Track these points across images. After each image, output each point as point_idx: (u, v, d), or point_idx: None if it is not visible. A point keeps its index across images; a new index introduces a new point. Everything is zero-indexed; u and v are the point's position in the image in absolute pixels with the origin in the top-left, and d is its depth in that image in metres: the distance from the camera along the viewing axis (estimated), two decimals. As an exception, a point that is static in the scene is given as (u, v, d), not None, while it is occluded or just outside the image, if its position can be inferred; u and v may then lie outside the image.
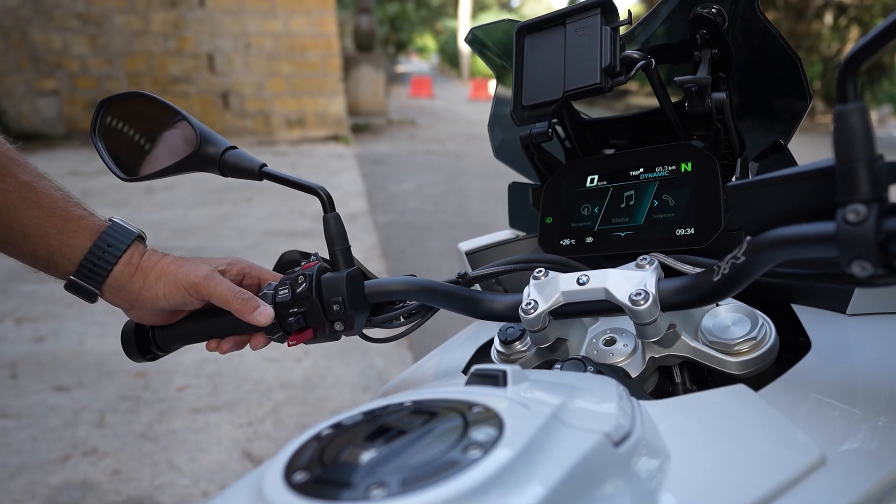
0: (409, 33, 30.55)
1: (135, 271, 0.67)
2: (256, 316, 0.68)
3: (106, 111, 0.73)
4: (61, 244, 0.65)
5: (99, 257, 0.66)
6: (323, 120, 10.04)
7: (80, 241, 0.65)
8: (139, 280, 0.67)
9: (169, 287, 0.67)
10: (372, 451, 0.35)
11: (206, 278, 0.68)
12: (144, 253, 0.69)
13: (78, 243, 0.65)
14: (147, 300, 0.68)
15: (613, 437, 0.38)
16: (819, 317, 0.63)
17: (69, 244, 0.65)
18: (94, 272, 0.66)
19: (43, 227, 0.64)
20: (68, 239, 0.65)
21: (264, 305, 0.69)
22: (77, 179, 6.55)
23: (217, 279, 0.69)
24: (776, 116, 0.74)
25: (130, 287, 0.67)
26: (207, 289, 0.68)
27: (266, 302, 0.69)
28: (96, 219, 0.68)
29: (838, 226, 0.40)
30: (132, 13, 9.01)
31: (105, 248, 0.66)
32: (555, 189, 0.78)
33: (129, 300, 0.68)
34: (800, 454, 0.42)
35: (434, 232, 5.30)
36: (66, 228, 0.65)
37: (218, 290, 0.68)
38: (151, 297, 0.68)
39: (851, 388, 0.51)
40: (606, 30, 0.64)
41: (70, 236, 0.65)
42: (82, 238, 0.66)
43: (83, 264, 0.65)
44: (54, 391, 2.72)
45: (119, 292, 0.68)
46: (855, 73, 0.39)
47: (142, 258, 0.68)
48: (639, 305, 0.55)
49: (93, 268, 0.66)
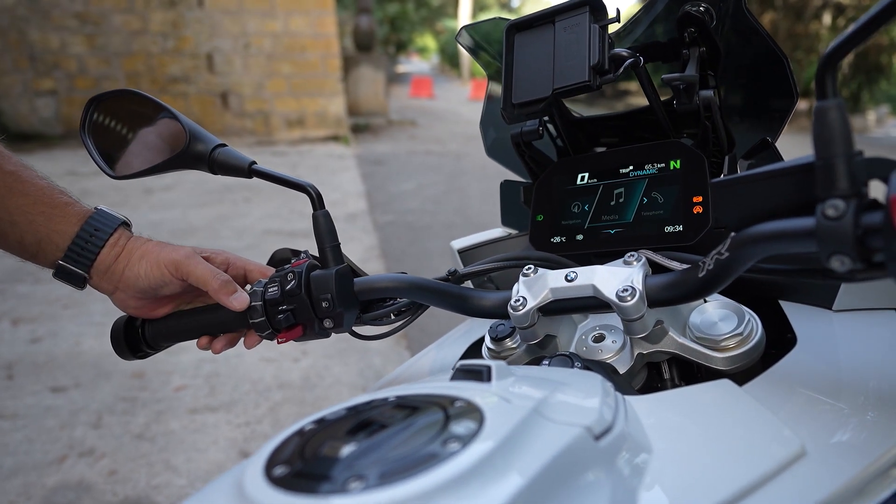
0: (410, 33, 30.59)
1: (120, 252, 0.69)
2: (232, 300, 0.69)
3: (95, 109, 0.73)
4: (49, 230, 0.66)
5: (86, 241, 0.67)
6: (323, 120, 10.05)
7: (68, 227, 0.67)
8: (124, 261, 0.68)
9: (151, 266, 0.68)
10: (352, 444, 0.35)
11: (187, 257, 0.69)
12: (130, 237, 0.70)
13: (65, 229, 0.66)
14: (130, 280, 0.69)
15: (594, 430, 0.38)
16: (805, 313, 0.63)
17: (57, 230, 0.66)
18: (83, 255, 0.67)
19: (30, 215, 0.65)
20: (56, 225, 0.66)
21: (241, 291, 0.70)
22: (75, 179, 6.55)
23: (197, 260, 0.69)
24: (764, 114, 0.74)
25: (115, 268, 0.68)
26: (187, 267, 0.68)
27: (256, 299, 0.69)
28: (82, 206, 0.69)
29: (818, 221, 0.40)
30: (131, 13, 9.02)
31: (92, 231, 0.67)
32: (546, 187, 0.78)
33: (113, 282, 0.69)
34: (780, 447, 0.42)
35: (434, 232, 5.30)
36: (53, 215, 0.66)
37: (197, 270, 0.69)
38: (134, 277, 0.68)
39: (836, 382, 0.52)
40: (595, 28, 0.64)
41: (57, 222, 0.66)
42: (69, 223, 0.67)
43: (71, 248, 0.66)
44: (51, 392, 2.72)
45: (105, 275, 0.69)
46: (833, 69, 0.40)
47: (128, 241, 0.70)
48: (626, 302, 0.55)
49: (81, 251, 0.67)
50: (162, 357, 3.00)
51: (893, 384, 0.50)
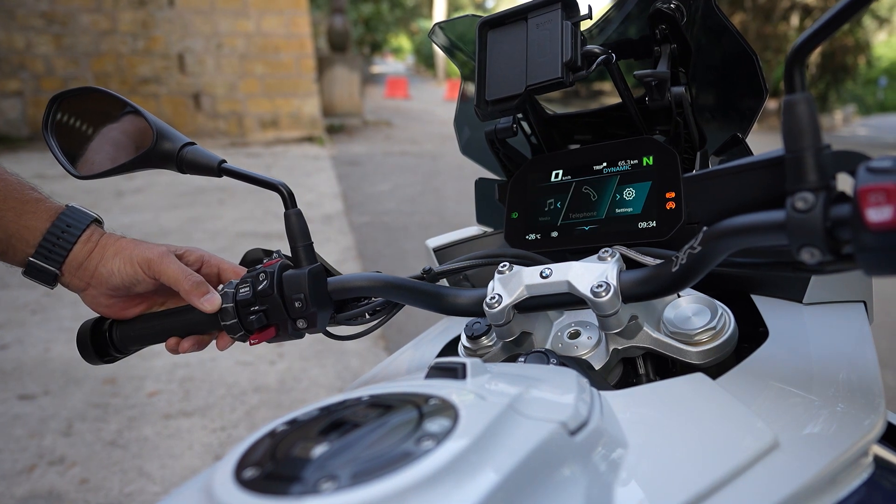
0: (384, 34, 30.46)
1: (93, 249, 0.67)
2: (203, 301, 0.67)
3: (58, 107, 0.71)
4: (19, 226, 0.64)
5: (58, 237, 0.65)
6: (297, 121, 9.96)
7: (39, 223, 0.65)
8: (97, 256, 0.67)
9: (124, 262, 0.67)
10: (324, 445, 0.34)
11: (161, 256, 0.68)
12: (103, 234, 0.69)
13: (36, 224, 0.65)
14: (102, 276, 0.67)
15: (569, 426, 0.38)
16: (777, 306, 0.64)
17: (27, 226, 0.65)
18: (54, 251, 0.65)
19: (0, 211, 0.63)
20: (26, 221, 0.65)
21: (213, 293, 0.68)
22: (43, 182, 6.30)
23: (170, 259, 0.68)
24: (734, 110, 0.75)
25: (88, 264, 0.67)
26: (160, 266, 0.67)
27: (227, 301, 0.68)
28: (53, 202, 0.68)
29: (788, 214, 0.41)
30: (99, 12, 8.83)
31: (64, 227, 0.66)
32: (520, 184, 0.78)
33: (85, 279, 0.68)
34: (754, 439, 0.42)
35: (410, 233, 5.29)
36: (24, 210, 0.65)
37: (170, 270, 0.67)
38: (107, 273, 0.67)
39: (807, 374, 0.52)
40: (567, 25, 0.64)
41: (28, 218, 0.65)
42: (40, 219, 0.65)
43: (42, 244, 0.65)
44: (19, 400, 2.65)
45: (77, 271, 0.67)
46: (802, 63, 0.40)
47: (101, 238, 0.68)
48: (600, 297, 0.55)
49: (52, 248, 0.65)
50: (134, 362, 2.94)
51: (862, 375, 0.51)
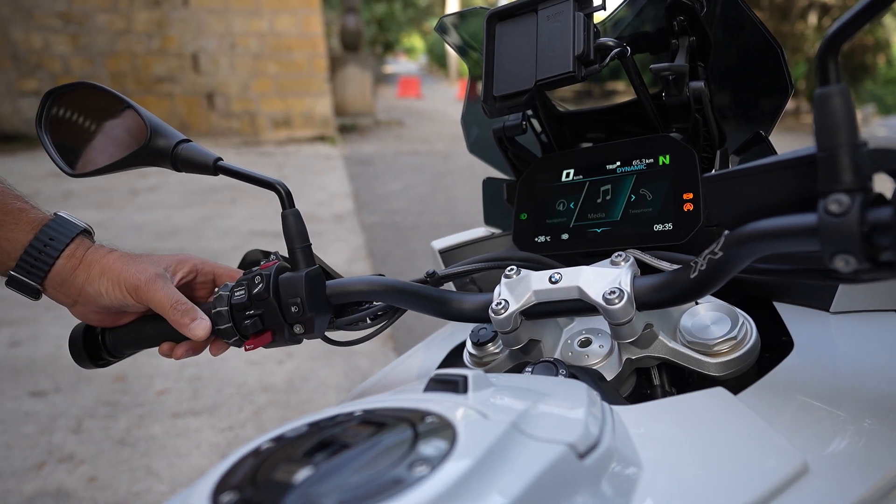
0: (397, 33, 30.46)
1: (78, 265, 0.64)
2: (193, 328, 0.65)
3: (53, 103, 0.69)
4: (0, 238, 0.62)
5: (40, 251, 0.63)
6: (309, 120, 9.97)
7: (20, 235, 0.63)
8: (83, 274, 0.64)
9: (112, 285, 0.64)
10: (309, 468, 0.32)
11: (148, 282, 0.65)
12: (90, 247, 0.66)
13: (17, 237, 0.62)
14: (90, 296, 0.65)
15: (579, 448, 0.35)
16: (802, 315, 0.60)
17: (7, 237, 0.62)
18: (36, 266, 0.63)
19: None
20: (7, 232, 0.62)
21: (202, 318, 0.66)
22: (59, 181, 6.45)
23: (158, 284, 0.65)
24: (757, 107, 0.71)
25: (73, 281, 0.64)
26: (147, 293, 0.65)
27: (222, 304, 0.65)
28: (38, 212, 0.65)
29: (820, 217, 0.37)
30: (114, 12, 8.89)
31: (46, 241, 0.63)
32: (529, 184, 0.75)
33: (71, 295, 0.65)
34: (781, 463, 0.39)
35: (421, 232, 5.26)
36: (5, 221, 0.62)
37: (157, 297, 0.65)
38: (94, 293, 0.65)
39: (835, 388, 0.49)
40: (580, 16, 0.61)
41: (9, 230, 0.62)
42: (22, 231, 0.63)
43: (23, 258, 0.63)
44: (30, 397, 2.65)
45: (62, 287, 0.65)
46: (836, 53, 0.37)
47: (86, 252, 0.65)
48: (613, 304, 0.52)
49: (34, 262, 0.63)
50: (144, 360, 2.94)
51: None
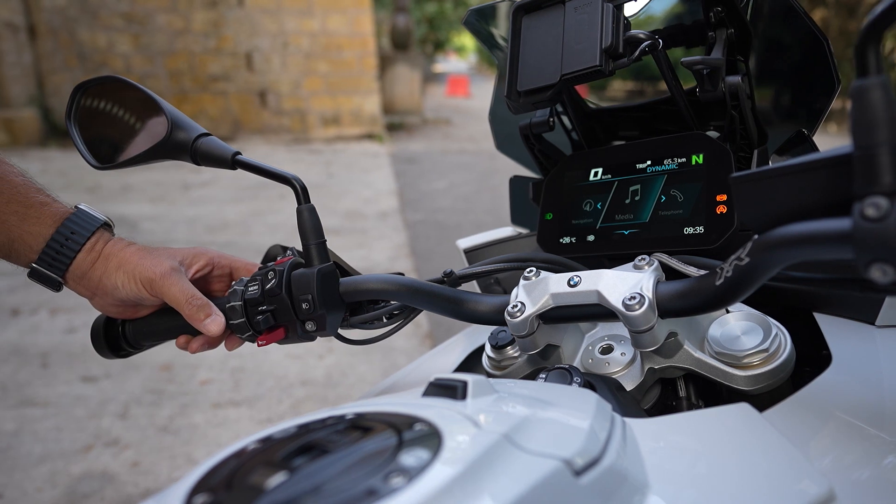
0: (447, 32, 30.49)
1: (97, 258, 0.65)
2: (207, 324, 0.65)
3: (82, 96, 0.70)
4: (22, 231, 0.63)
5: (62, 244, 0.63)
6: (358, 118, 10.09)
7: (42, 228, 0.63)
8: (101, 267, 0.65)
9: (127, 278, 0.65)
10: (284, 473, 0.30)
11: (163, 276, 0.65)
12: (109, 241, 0.67)
13: (40, 230, 0.63)
14: (107, 288, 0.66)
15: (575, 464, 0.32)
16: (844, 328, 0.56)
17: (30, 231, 0.63)
18: (57, 259, 0.64)
19: (3, 214, 0.62)
20: (29, 226, 0.63)
21: (217, 314, 0.66)
22: (118, 175, 6.72)
23: (174, 279, 0.66)
24: (800, 104, 0.66)
25: (92, 274, 0.65)
26: (162, 288, 0.65)
27: (235, 299, 0.65)
28: (60, 205, 0.66)
29: (855, 222, 0.34)
30: (174, 12, 9.21)
31: (68, 234, 0.64)
32: (556, 183, 0.72)
33: (90, 288, 0.66)
34: (804, 489, 0.36)
35: (464, 231, 5.21)
36: (28, 215, 0.63)
37: (171, 292, 0.65)
38: (111, 287, 0.65)
39: (877, 409, 0.45)
40: (609, 7, 0.58)
41: (31, 223, 0.63)
42: (44, 225, 0.64)
43: (45, 252, 0.63)
44: (82, 382, 2.77)
45: (81, 280, 0.65)
46: (878, 41, 0.33)
47: (105, 245, 0.66)
48: (633, 311, 0.49)
49: (55, 255, 0.63)
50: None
51: None
